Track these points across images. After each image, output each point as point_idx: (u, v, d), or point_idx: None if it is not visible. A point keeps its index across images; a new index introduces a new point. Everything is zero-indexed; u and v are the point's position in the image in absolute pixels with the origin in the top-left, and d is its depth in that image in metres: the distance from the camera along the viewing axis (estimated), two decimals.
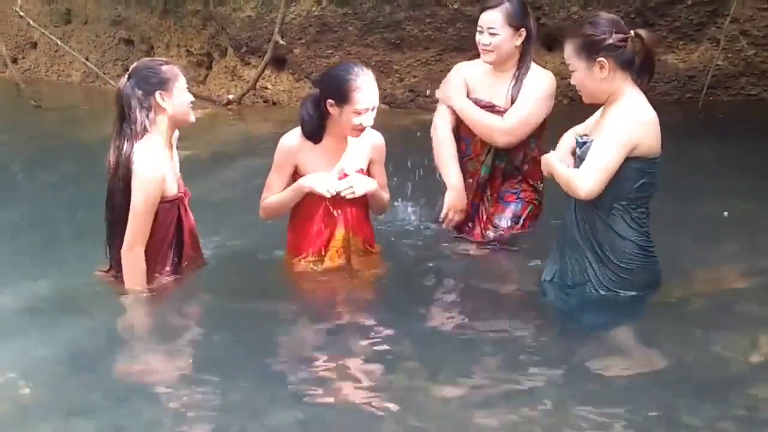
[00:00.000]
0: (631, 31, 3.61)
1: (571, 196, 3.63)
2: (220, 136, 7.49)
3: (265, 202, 4.15)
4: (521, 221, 4.58)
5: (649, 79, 3.68)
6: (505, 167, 4.58)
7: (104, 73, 9.36)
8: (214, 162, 6.52)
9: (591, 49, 3.59)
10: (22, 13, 9.05)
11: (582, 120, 3.91)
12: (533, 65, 4.58)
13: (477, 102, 4.57)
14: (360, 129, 3.99)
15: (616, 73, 3.58)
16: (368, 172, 4.14)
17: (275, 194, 4.10)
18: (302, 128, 4.07)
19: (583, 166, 3.58)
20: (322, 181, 3.99)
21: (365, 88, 3.94)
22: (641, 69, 3.63)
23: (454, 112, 4.60)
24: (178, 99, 3.89)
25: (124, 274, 3.88)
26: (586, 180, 3.53)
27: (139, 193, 3.77)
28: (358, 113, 3.94)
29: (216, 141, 7.26)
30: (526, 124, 4.46)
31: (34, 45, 10.51)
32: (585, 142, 3.64)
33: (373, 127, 4.06)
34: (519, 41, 4.49)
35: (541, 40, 7.59)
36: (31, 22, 9.25)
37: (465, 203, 4.54)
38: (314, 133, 4.05)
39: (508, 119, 4.47)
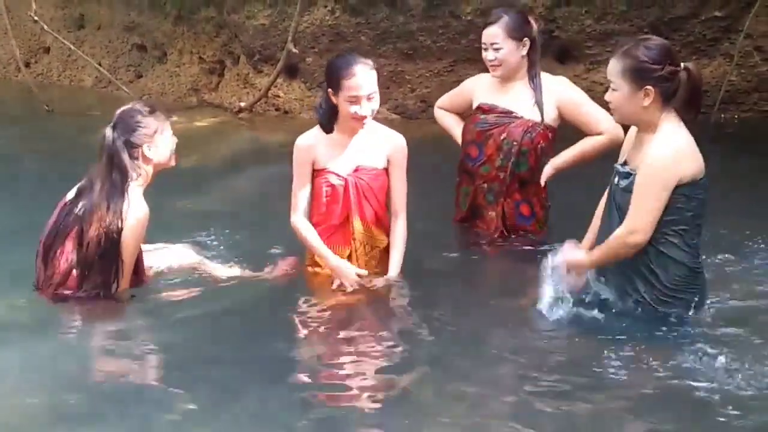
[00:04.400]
0: (682, 64, 3.53)
1: (610, 224, 3.59)
2: (231, 145, 7.50)
3: (300, 230, 4.12)
4: (538, 223, 4.69)
5: (696, 113, 3.59)
6: (521, 176, 4.62)
7: (117, 79, 9.39)
8: (224, 170, 6.53)
9: (641, 76, 3.47)
10: (36, 18, 9.09)
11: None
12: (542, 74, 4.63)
13: (493, 108, 4.62)
14: (357, 119, 3.99)
15: (658, 104, 3.50)
16: (387, 174, 4.14)
17: (310, 229, 4.11)
18: (319, 121, 4.14)
19: (630, 215, 3.51)
20: (347, 277, 4.07)
21: (357, 76, 3.95)
22: (688, 103, 3.54)
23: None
24: (162, 148, 4.04)
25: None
26: (638, 230, 3.49)
27: (133, 236, 3.91)
28: (351, 101, 3.95)
29: (226, 149, 7.26)
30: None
31: (47, 50, 10.55)
32: (629, 173, 3.57)
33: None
34: (524, 51, 4.53)
35: (553, 53, 7.60)
36: (45, 26, 9.29)
37: None
38: (325, 123, 4.10)
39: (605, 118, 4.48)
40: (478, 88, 4.74)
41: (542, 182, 4.58)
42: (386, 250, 4.20)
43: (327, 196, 4.09)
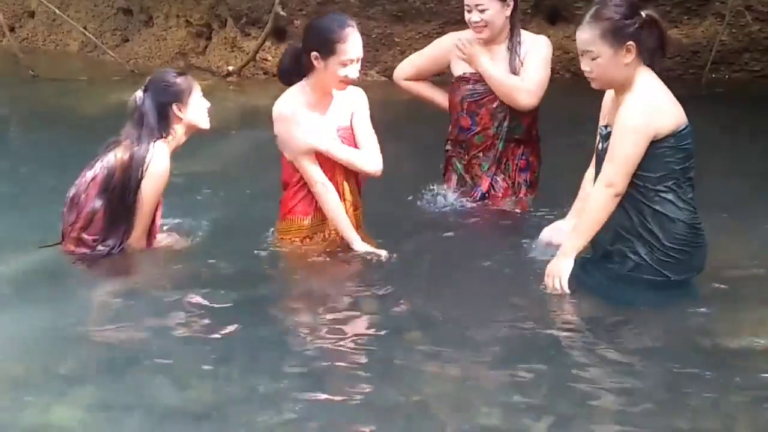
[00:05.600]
0: (643, 13, 3.49)
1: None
2: (220, 109, 7.36)
3: (322, 195, 4.01)
4: (533, 185, 4.66)
5: (664, 56, 3.58)
6: (520, 137, 4.59)
7: (103, 43, 9.29)
8: (213, 134, 6.41)
9: (620, 33, 3.42)
10: None
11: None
12: (523, 32, 4.58)
13: (471, 76, 4.55)
14: (346, 82, 3.94)
15: (637, 58, 3.46)
16: (351, 127, 4.06)
17: (334, 194, 4.00)
18: (279, 78, 4.10)
19: (605, 166, 3.49)
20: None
21: (351, 38, 3.89)
22: (655, 51, 3.53)
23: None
24: (193, 109, 4.12)
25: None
26: (613, 183, 3.46)
27: (152, 186, 4.01)
28: (344, 64, 3.89)
29: (215, 113, 7.12)
30: (544, 85, 4.50)
31: (32, 14, 10.43)
32: (610, 134, 3.55)
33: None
34: (508, 12, 4.49)
35: (544, 14, 7.55)
36: None
37: None
38: (286, 84, 4.07)
39: (529, 80, 4.46)
40: (456, 54, 4.63)
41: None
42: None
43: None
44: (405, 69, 4.83)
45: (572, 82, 7.29)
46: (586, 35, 3.47)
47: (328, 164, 4.01)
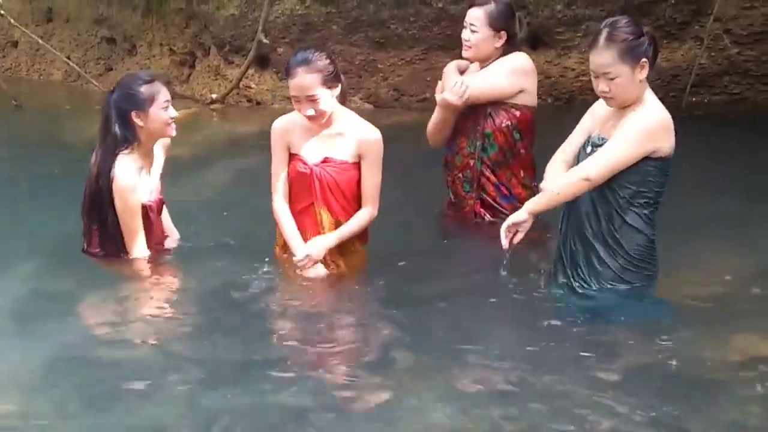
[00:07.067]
0: (645, 29, 3.66)
1: (579, 198, 3.67)
2: (203, 136, 7.45)
3: (277, 212, 4.11)
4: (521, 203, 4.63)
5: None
6: (492, 159, 4.60)
7: (86, 72, 9.29)
8: (197, 162, 6.48)
9: (636, 52, 3.57)
10: (2, 12, 8.97)
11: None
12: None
13: None
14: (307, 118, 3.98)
15: (647, 74, 3.62)
16: (359, 169, 4.08)
17: (286, 213, 4.08)
18: None
19: (587, 161, 3.61)
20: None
21: (296, 77, 3.95)
22: (653, 65, 3.70)
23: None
24: (154, 118, 4.06)
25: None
26: (591, 179, 3.58)
27: (119, 201, 4.03)
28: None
29: (199, 141, 7.21)
30: (482, 89, 4.51)
31: (15, 44, 10.44)
32: (603, 144, 3.66)
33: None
34: (498, 44, 4.52)
35: (525, 39, 7.60)
36: (12, 20, 9.17)
37: None
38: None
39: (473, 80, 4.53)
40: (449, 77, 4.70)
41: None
42: (358, 242, 4.17)
43: (295, 182, 4.08)
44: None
45: (555, 107, 7.37)
46: (605, 58, 3.59)
47: (305, 192, 4.06)
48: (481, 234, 4.55)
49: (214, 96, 8.39)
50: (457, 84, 4.49)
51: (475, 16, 4.51)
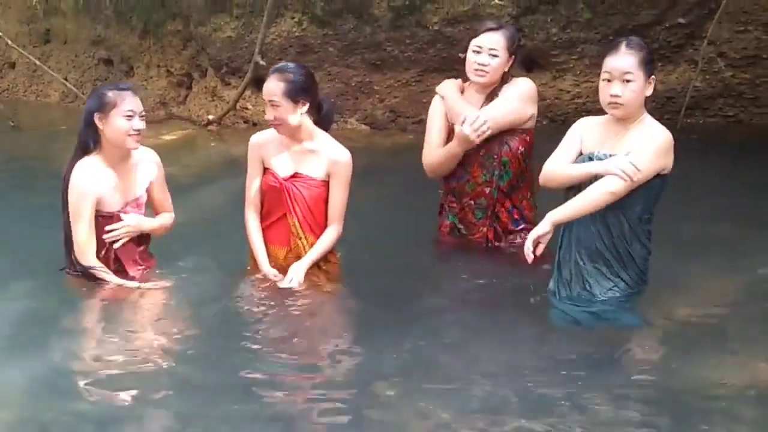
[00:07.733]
0: None
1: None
2: (200, 157, 7.47)
3: (247, 226, 4.32)
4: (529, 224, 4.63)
5: None
6: (507, 186, 4.60)
7: (83, 93, 9.29)
8: (194, 183, 6.49)
9: (650, 66, 3.76)
10: (0, 33, 9.01)
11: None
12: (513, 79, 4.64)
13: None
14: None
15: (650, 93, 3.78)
16: (327, 187, 4.18)
17: (255, 228, 4.29)
18: None
19: (613, 177, 3.64)
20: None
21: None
22: None
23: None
24: (113, 123, 4.07)
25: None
26: (617, 185, 3.63)
27: (70, 204, 4.07)
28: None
29: (196, 162, 7.23)
30: (504, 121, 4.50)
31: (13, 65, 10.46)
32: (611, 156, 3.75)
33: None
34: (507, 67, 4.54)
35: (520, 61, 7.64)
36: (10, 42, 9.21)
37: None
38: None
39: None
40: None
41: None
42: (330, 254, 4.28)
43: (267, 195, 4.24)
44: (429, 154, 4.70)
45: (550, 128, 7.39)
46: (628, 61, 3.70)
47: (277, 204, 4.19)
48: (485, 257, 4.58)
49: (210, 117, 8.42)
50: (478, 121, 4.43)
51: (496, 40, 4.47)
